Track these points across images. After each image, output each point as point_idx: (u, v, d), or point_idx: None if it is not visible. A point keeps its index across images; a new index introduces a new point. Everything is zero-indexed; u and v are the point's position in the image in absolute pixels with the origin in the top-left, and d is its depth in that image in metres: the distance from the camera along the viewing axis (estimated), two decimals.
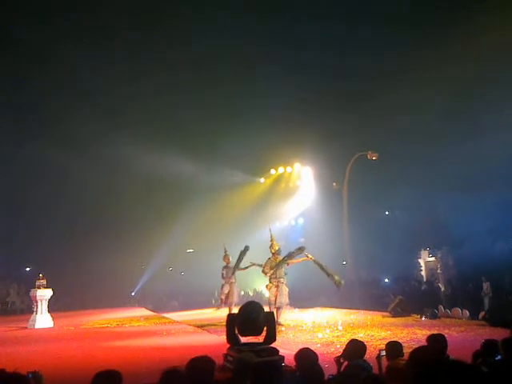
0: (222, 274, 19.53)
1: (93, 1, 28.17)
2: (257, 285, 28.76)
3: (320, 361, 5.06)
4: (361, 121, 26.88)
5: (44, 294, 18.84)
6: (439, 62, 23.44)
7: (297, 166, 31.21)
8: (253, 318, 6.45)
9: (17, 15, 27.19)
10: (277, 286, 16.27)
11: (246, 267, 18.70)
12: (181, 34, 29.11)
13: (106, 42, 28.66)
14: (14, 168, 30.44)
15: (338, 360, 5.46)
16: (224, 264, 19.51)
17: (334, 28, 27.26)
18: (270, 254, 17.03)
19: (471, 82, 22.69)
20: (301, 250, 16.65)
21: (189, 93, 29.97)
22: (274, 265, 16.55)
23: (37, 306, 18.90)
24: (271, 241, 17.29)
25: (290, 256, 16.57)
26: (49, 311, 19.17)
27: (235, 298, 19.05)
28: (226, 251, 19.77)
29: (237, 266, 18.52)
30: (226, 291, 19.06)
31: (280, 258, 16.72)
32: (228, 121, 30.81)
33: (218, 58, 29.83)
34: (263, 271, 16.92)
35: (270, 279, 16.56)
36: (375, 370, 5.40)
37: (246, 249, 17.89)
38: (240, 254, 18.12)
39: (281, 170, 31.98)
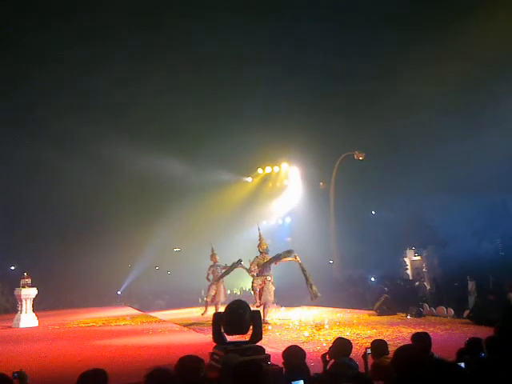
0: (208, 274, 19.43)
1: (92, 2, 28.01)
2: (244, 284, 28.80)
3: (306, 359, 5.07)
4: (348, 121, 27.02)
5: (29, 293, 18.62)
6: (428, 67, 23.57)
7: (284, 165, 31.32)
8: (239, 314, 6.43)
9: (17, 15, 26.99)
10: (263, 282, 16.26)
11: (233, 268, 18.74)
12: (175, 34, 29.17)
13: (100, 43, 28.61)
14: (1, 168, 30.16)
15: (323, 358, 5.47)
16: (211, 263, 19.45)
17: (324, 28, 27.41)
18: (258, 253, 17.03)
19: (459, 86, 22.91)
20: (289, 252, 16.66)
21: (177, 93, 29.94)
22: (262, 263, 16.58)
23: (21, 305, 18.66)
24: (260, 239, 17.28)
25: (277, 257, 16.59)
26: (34, 310, 18.96)
27: (222, 297, 19.02)
28: (213, 250, 19.73)
29: (225, 274, 18.57)
30: (213, 293, 18.96)
31: (268, 256, 16.73)
32: (215, 120, 30.83)
33: (208, 58, 29.84)
34: (249, 270, 16.92)
35: (256, 275, 16.54)
36: (361, 368, 5.43)
37: (239, 261, 17.82)
38: (231, 265, 18.10)
39: (268, 169, 32.06)
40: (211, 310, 18.44)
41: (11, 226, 31.00)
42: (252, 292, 16.87)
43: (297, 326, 15.16)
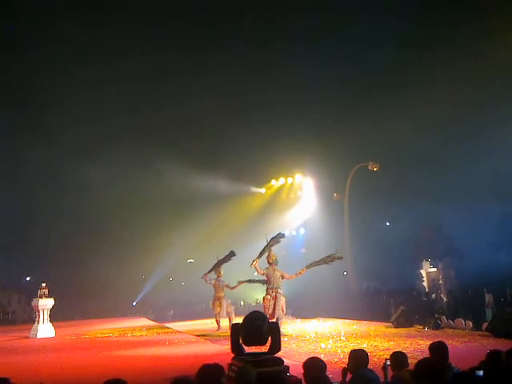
0: (207, 276, 19.23)
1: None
2: (258, 296, 28.67)
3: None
4: (362, 132, 26.99)
5: (46, 304, 18.76)
6: (444, 78, 23.53)
7: (298, 176, 31.28)
8: (257, 325, 6.43)
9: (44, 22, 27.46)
10: (275, 298, 16.07)
11: (234, 287, 18.79)
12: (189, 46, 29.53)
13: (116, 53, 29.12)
14: (15, 176, 30.48)
15: (343, 371, 5.43)
16: (214, 277, 19.28)
17: (337, 41, 27.53)
18: (267, 264, 16.88)
19: (474, 97, 22.86)
20: (280, 236, 17.09)
21: (190, 101, 30.14)
22: (271, 273, 16.37)
23: (38, 315, 18.82)
24: (268, 251, 17.18)
25: (272, 240, 16.72)
26: (50, 321, 19.10)
27: (228, 309, 18.92)
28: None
29: (218, 266, 18.73)
30: (218, 310, 18.81)
31: (278, 269, 16.62)
32: (229, 132, 30.95)
33: (223, 69, 30.04)
34: (254, 263, 16.77)
35: (267, 290, 16.38)
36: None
37: (231, 253, 18.20)
38: (224, 257, 18.46)
39: (282, 180, 32.06)
40: (224, 322, 18.43)
41: (26, 236, 31.28)
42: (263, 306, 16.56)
43: (313, 337, 15.07)
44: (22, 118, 29.61)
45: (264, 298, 16.44)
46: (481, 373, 4.40)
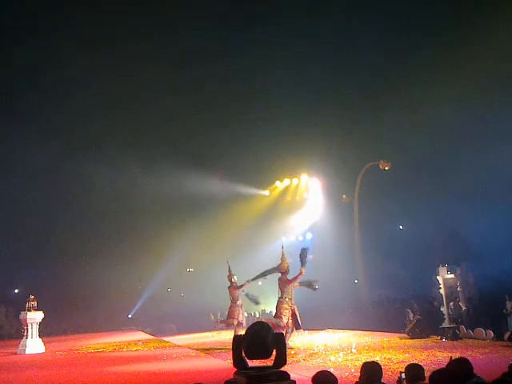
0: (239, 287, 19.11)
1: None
2: (264, 306, 28.58)
3: None
4: (372, 130, 26.95)
5: (35, 317, 18.71)
6: (452, 77, 23.53)
7: (304, 177, 31.11)
8: (262, 336, 6.36)
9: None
10: (293, 310, 16.13)
11: (242, 285, 18.68)
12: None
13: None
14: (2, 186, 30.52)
15: None
16: (228, 284, 19.15)
17: (346, 41, 27.64)
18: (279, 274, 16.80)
19: (486, 92, 22.87)
20: (306, 250, 17.36)
21: (194, 100, 30.21)
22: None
23: (27, 329, 18.76)
24: (282, 259, 17.08)
25: (303, 256, 16.86)
26: (40, 335, 19.06)
27: (243, 322, 18.80)
28: (229, 270, 19.27)
29: (260, 277, 18.51)
30: (237, 316, 18.62)
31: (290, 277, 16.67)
32: (230, 132, 30.94)
33: (225, 71, 30.15)
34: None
35: (284, 299, 16.32)
36: None
37: (274, 269, 17.80)
38: (267, 271, 18.12)
39: (287, 181, 31.91)
40: (229, 334, 18.37)
41: (13, 247, 31.27)
42: (281, 316, 16.38)
43: (322, 350, 15.00)
44: (16, 114, 29.69)
45: (282, 308, 16.30)
46: None
